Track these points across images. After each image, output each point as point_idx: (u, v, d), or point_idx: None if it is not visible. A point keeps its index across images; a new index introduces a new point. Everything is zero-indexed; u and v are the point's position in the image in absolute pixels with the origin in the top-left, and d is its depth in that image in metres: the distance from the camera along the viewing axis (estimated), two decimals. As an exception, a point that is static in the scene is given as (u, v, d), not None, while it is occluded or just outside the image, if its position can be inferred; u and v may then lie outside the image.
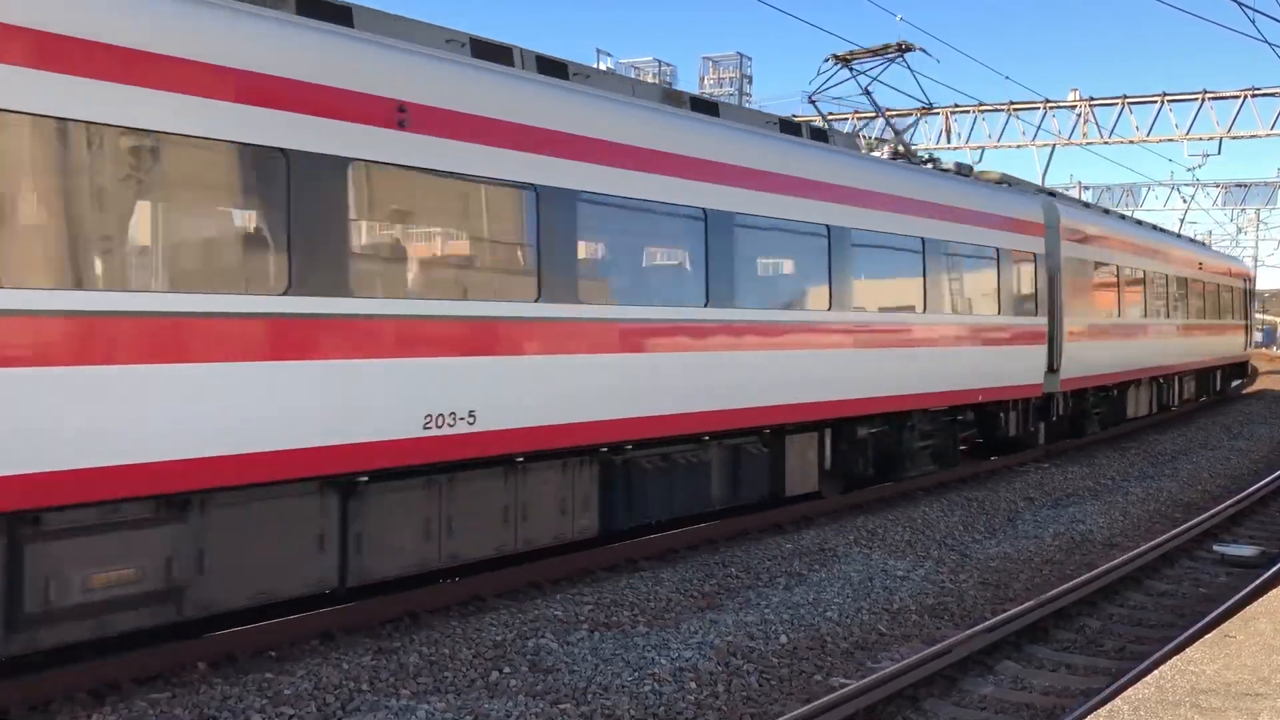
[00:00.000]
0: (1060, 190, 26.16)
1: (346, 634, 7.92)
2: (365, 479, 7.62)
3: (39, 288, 5.92)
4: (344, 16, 7.94)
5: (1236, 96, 32.16)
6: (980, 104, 35.61)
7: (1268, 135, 32.27)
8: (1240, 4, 16.79)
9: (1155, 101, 33.16)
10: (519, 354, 8.48)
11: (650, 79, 40.70)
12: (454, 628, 8.13)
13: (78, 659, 6.76)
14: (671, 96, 11.31)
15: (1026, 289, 16.49)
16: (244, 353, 6.80)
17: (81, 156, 6.20)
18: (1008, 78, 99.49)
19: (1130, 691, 5.12)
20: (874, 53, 15.88)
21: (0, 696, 6.26)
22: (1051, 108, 34.87)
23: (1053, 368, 17.01)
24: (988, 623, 8.28)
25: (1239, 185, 57.90)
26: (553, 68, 9.62)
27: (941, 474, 15.20)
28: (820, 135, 13.30)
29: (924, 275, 13.58)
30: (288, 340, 7.02)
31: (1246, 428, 23.96)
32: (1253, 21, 18.09)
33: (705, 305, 10.23)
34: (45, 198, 6.12)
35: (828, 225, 11.86)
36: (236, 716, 6.32)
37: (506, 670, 7.31)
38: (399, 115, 7.63)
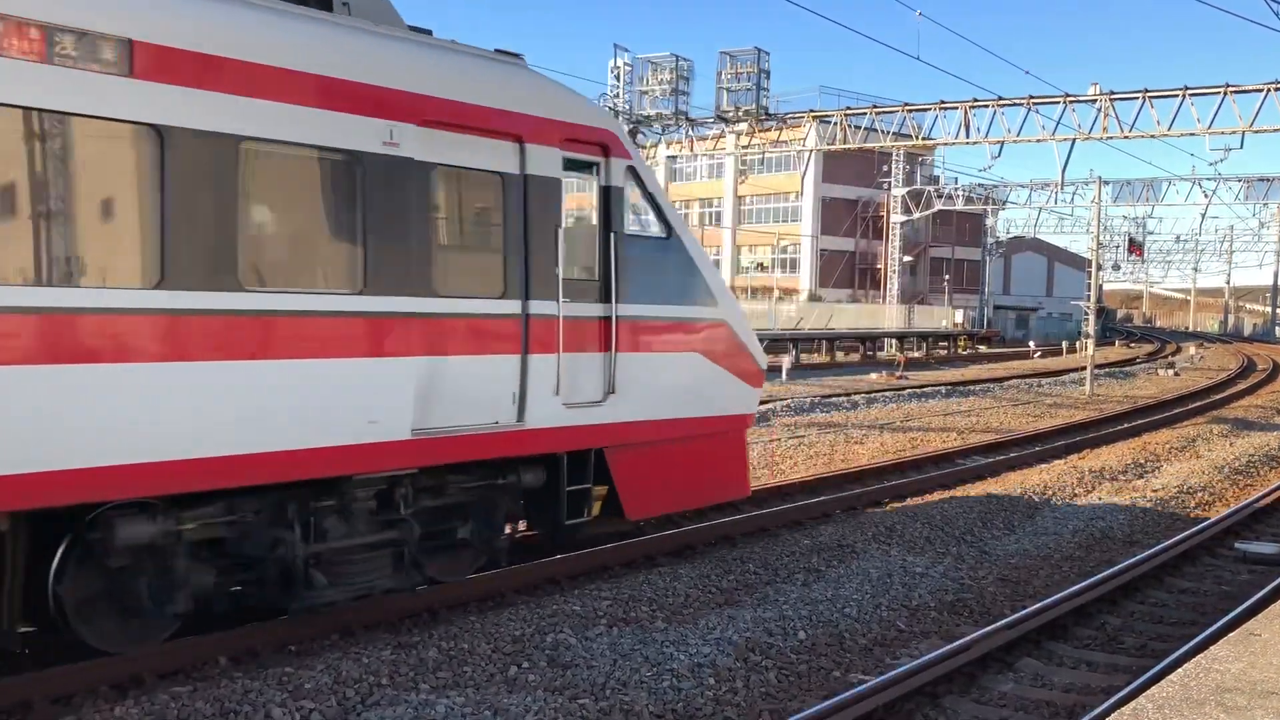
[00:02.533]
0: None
1: (366, 629, 7.96)
2: None
3: None
4: None
5: (1259, 90, 31.90)
6: (999, 98, 35.45)
7: (1291, 129, 32.01)
8: (1264, -4, 16.61)
9: (1177, 96, 32.94)
10: None
11: (667, 74, 40.53)
12: (472, 623, 8.15)
13: (99, 652, 6.81)
14: None
15: None
16: None
17: None
18: (1028, 72, 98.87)
19: (1154, 690, 5.09)
20: None
21: (24, 689, 6.32)
22: (1071, 102, 34.68)
23: None
24: (1007, 619, 8.24)
25: (1262, 180, 57.48)
26: None
27: (958, 469, 15.03)
28: None
29: None
30: None
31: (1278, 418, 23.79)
32: (1276, 14, 17.92)
33: None
34: None
35: None
36: (257, 710, 6.35)
37: (525, 665, 7.32)
38: None
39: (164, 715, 6.19)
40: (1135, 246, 78.97)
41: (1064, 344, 63.91)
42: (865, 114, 38.78)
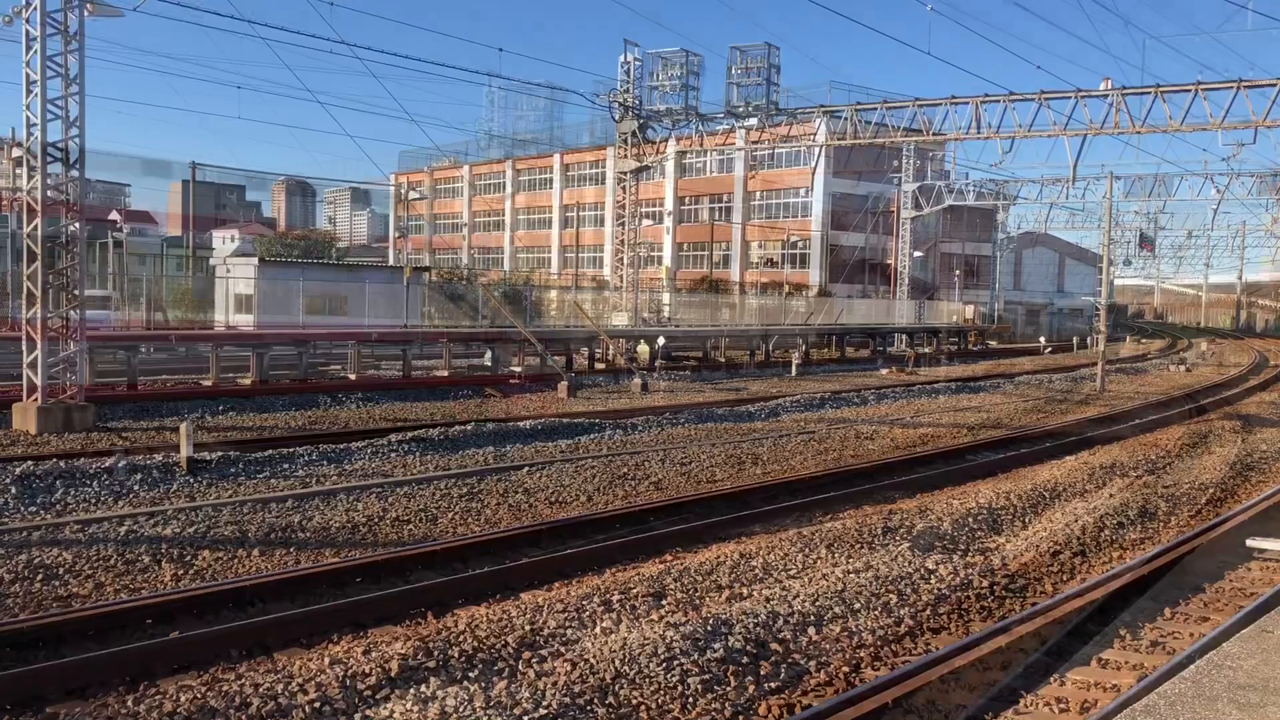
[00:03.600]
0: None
1: (377, 623, 7.98)
2: None
3: None
4: None
5: (1272, 85, 31.69)
6: (1010, 94, 35.31)
7: (1304, 124, 31.77)
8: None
9: (1189, 90, 32.74)
10: None
11: (677, 69, 40.55)
12: (483, 615, 8.16)
13: (113, 644, 6.84)
14: None
15: None
16: None
17: None
18: (1039, 67, 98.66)
19: (1166, 687, 5.07)
20: None
21: (38, 682, 6.35)
22: (1083, 97, 34.50)
23: None
24: (1018, 615, 8.22)
25: (1275, 175, 57.18)
26: None
27: (968, 464, 15.06)
28: None
29: None
30: None
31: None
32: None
33: None
34: None
35: None
36: (267, 703, 6.37)
37: (535, 659, 7.32)
38: None
39: (176, 708, 6.21)
40: (1146, 242, 78.71)
41: (1074, 340, 63.77)
42: (876, 109, 38.65)
